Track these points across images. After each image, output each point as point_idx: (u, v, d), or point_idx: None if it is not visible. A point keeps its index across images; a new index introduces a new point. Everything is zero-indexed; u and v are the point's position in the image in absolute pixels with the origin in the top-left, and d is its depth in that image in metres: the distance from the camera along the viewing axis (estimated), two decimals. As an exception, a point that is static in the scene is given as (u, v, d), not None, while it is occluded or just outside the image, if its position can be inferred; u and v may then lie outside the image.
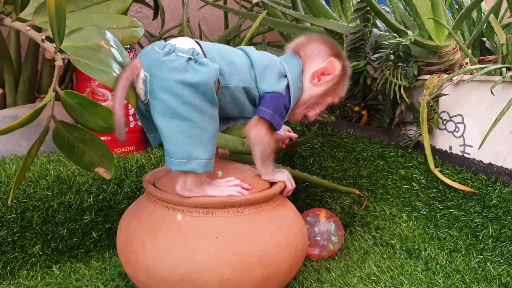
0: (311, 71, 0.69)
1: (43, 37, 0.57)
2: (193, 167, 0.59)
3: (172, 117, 0.58)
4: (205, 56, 0.61)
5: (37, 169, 0.79)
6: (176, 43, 0.61)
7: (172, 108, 0.57)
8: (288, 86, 0.67)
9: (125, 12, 0.68)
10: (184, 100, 0.57)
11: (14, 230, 0.76)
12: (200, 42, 0.63)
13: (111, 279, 0.76)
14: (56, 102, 0.56)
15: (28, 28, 0.59)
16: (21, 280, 0.76)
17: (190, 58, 0.58)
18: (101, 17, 0.64)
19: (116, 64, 0.55)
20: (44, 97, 0.54)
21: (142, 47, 1.37)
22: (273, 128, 0.67)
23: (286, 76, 0.67)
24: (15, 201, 0.75)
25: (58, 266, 0.81)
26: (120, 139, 0.52)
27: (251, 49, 0.68)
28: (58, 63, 0.54)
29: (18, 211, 0.76)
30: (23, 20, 0.62)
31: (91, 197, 0.82)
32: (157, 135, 0.65)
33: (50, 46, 0.56)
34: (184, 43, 0.61)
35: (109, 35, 0.58)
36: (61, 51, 0.56)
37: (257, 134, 0.66)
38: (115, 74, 0.54)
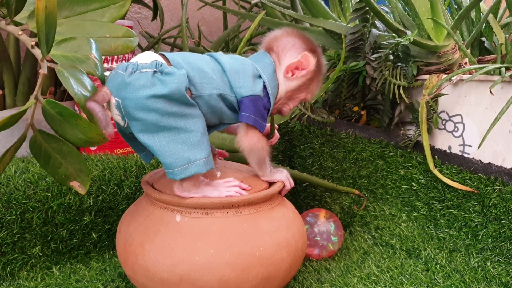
0: (285, 65, 0.67)
1: (33, 43, 0.56)
2: (195, 170, 0.59)
3: (157, 131, 0.58)
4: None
5: (37, 170, 0.79)
6: (138, 60, 0.60)
7: (153, 124, 0.57)
8: (264, 87, 0.65)
9: (123, 15, 0.68)
10: (162, 112, 0.57)
11: (14, 231, 0.76)
12: (165, 53, 0.62)
13: (111, 280, 0.76)
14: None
15: (20, 32, 0.58)
16: (21, 281, 0.76)
17: (155, 71, 0.58)
18: (95, 25, 0.63)
19: (91, 88, 0.55)
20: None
21: (142, 49, 1.37)
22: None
23: (260, 77, 0.66)
24: (14, 202, 0.75)
25: (58, 267, 0.81)
26: (108, 133, 0.53)
27: (219, 54, 0.66)
28: (43, 71, 0.53)
29: (18, 212, 0.76)
30: (18, 23, 0.61)
31: (91, 198, 0.82)
32: (148, 153, 0.66)
33: (39, 53, 0.55)
34: (146, 58, 0.60)
35: (94, 46, 0.58)
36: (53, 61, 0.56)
37: (250, 143, 0.65)
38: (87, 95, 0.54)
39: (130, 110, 0.57)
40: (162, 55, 0.62)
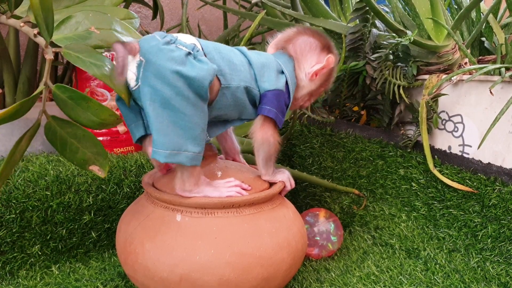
0: (310, 70, 0.70)
1: (35, 32, 0.57)
2: (181, 159, 0.58)
3: (164, 106, 0.56)
4: (205, 55, 0.60)
5: (36, 169, 0.79)
6: (178, 36, 0.60)
7: (165, 98, 0.56)
8: (286, 82, 0.67)
9: (122, 1, 0.68)
10: (178, 91, 0.56)
11: (13, 230, 0.76)
12: (200, 40, 0.62)
13: (111, 279, 0.76)
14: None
15: (22, 24, 0.59)
16: (20, 280, 0.76)
17: (189, 53, 0.57)
18: (96, 9, 0.63)
19: (108, 60, 0.55)
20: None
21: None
22: (277, 126, 0.67)
23: (283, 72, 0.67)
24: (14, 201, 0.75)
25: (57, 266, 0.81)
26: (119, 80, 0.53)
27: (245, 49, 0.68)
28: (49, 56, 0.53)
29: (17, 211, 0.76)
30: (18, 17, 0.62)
31: (90, 197, 0.82)
32: (138, 124, 0.63)
33: (42, 41, 0.55)
34: (186, 39, 0.60)
35: (115, 21, 0.58)
36: (56, 45, 0.56)
37: (264, 135, 0.65)
38: (106, 69, 0.53)
39: (149, 74, 0.56)
40: (198, 41, 0.62)
